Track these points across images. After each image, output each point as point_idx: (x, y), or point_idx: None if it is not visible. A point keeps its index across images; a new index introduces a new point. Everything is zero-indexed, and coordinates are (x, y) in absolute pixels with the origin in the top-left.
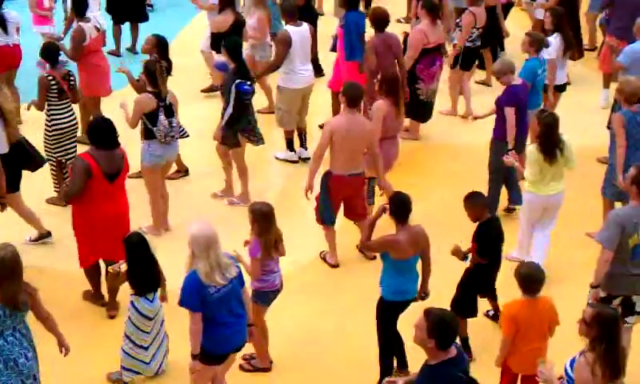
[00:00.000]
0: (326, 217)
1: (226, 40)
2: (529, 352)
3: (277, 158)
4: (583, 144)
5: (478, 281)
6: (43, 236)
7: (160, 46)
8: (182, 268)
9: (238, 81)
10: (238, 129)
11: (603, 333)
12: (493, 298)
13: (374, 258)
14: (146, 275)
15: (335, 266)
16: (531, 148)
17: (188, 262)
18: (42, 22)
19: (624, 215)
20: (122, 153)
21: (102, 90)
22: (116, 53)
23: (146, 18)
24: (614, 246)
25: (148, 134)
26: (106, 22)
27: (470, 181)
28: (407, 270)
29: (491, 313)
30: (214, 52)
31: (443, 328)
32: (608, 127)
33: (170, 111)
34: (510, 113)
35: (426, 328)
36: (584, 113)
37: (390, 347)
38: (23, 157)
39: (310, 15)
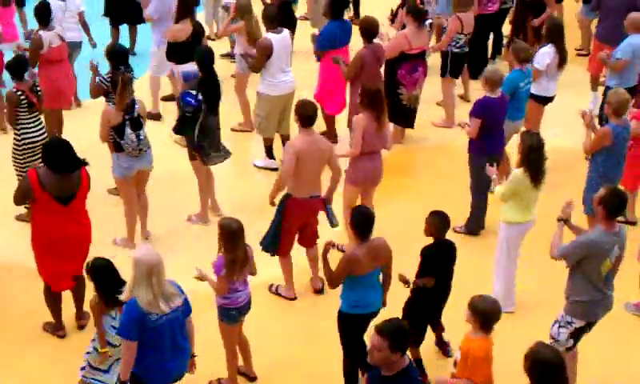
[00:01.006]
0: (267, 243)
1: (196, 49)
2: None
3: (255, 166)
4: (577, 146)
5: (421, 305)
6: None
7: (111, 55)
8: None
9: (184, 91)
10: (188, 143)
11: (538, 378)
12: (437, 327)
13: (321, 291)
14: (111, 295)
15: (293, 298)
16: (517, 172)
17: (130, 284)
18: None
19: (593, 242)
20: (82, 175)
21: (62, 102)
22: None
23: (144, 20)
24: (569, 262)
25: (116, 147)
26: (82, 34)
27: (465, 183)
28: (367, 283)
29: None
30: (171, 63)
31: (401, 335)
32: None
33: (138, 124)
34: (474, 124)
35: (387, 345)
36: (578, 114)
37: (354, 361)
38: None
39: (287, 21)
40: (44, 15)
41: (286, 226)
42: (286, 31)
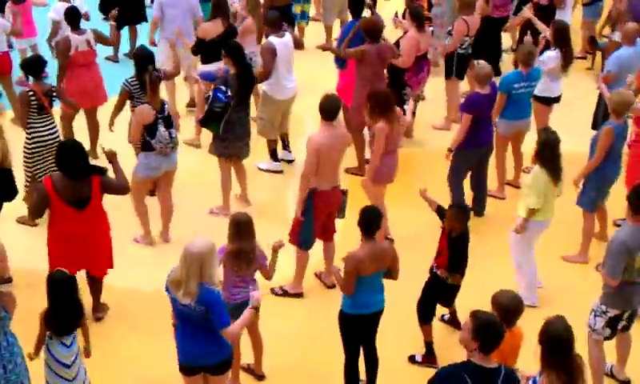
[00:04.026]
0: (304, 239)
1: (227, 44)
2: None
3: (259, 169)
4: (578, 151)
5: (442, 293)
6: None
7: (135, 58)
8: None
9: (215, 87)
10: (214, 136)
11: (552, 351)
12: (451, 307)
13: (334, 286)
14: (64, 317)
15: (301, 294)
16: (536, 170)
17: None
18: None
19: (627, 239)
20: (92, 182)
21: (89, 102)
22: (114, 58)
23: (145, 19)
24: (620, 274)
25: (145, 146)
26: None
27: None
28: (368, 284)
29: (447, 317)
30: (193, 57)
31: (488, 330)
32: (593, 127)
33: (169, 122)
34: (465, 119)
35: (471, 329)
36: (579, 119)
37: (353, 362)
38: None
39: (287, 21)
40: (71, 18)
41: (314, 219)
42: (288, 35)
